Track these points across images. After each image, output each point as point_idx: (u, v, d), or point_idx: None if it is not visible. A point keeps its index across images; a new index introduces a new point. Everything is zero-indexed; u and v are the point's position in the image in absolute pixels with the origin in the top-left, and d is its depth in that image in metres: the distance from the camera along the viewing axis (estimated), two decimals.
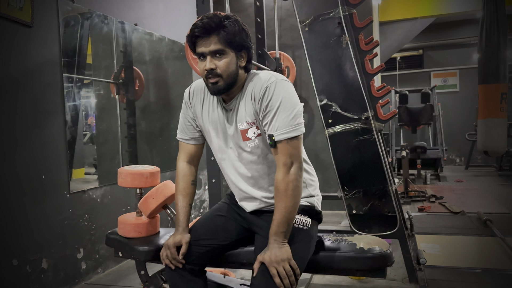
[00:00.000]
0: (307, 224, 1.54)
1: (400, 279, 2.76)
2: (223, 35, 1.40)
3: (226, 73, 1.43)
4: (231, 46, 1.43)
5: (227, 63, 1.43)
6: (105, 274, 3.11)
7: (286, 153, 1.43)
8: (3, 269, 2.36)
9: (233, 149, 1.57)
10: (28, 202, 2.54)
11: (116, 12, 3.42)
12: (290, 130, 1.43)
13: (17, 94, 2.50)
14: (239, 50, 1.46)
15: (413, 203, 5.21)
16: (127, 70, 3.69)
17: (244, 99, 1.50)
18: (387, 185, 2.68)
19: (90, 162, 3.43)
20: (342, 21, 2.68)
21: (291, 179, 1.42)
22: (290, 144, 1.43)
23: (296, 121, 1.44)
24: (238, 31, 1.43)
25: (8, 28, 2.44)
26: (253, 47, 1.55)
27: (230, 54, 1.44)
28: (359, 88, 2.66)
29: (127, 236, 1.88)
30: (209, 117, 1.59)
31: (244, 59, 1.49)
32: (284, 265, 1.36)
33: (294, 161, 1.43)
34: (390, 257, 1.59)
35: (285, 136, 1.42)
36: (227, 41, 1.41)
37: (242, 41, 1.45)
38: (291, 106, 1.44)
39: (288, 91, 1.45)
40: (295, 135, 1.44)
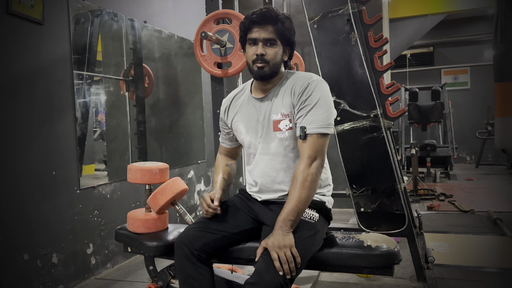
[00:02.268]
0: (314, 218, 1.58)
1: (408, 277, 2.76)
2: (278, 26, 1.54)
3: (273, 61, 1.56)
4: (282, 38, 1.57)
5: (275, 52, 1.56)
6: (115, 269, 3.14)
7: (314, 147, 1.50)
8: (15, 263, 2.39)
9: (261, 141, 1.64)
10: (39, 198, 2.57)
11: (125, 9, 3.45)
12: (322, 127, 1.51)
13: (29, 91, 2.54)
14: (286, 45, 1.60)
15: (422, 202, 5.19)
16: (137, 67, 3.72)
17: (282, 92, 1.60)
18: (395, 183, 2.67)
19: (100, 158, 3.46)
20: (351, 18, 2.66)
21: (312, 172, 1.49)
22: (319, 139, 1.50)
23: (330, 121, 1.54)
24: (289, 27, 1.57)
25: (19, 25, 2.47)
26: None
27: (279, 45, 1.57)
28: (368, 85, 2.65)
29: (136, 232, 1.90)
30: (241, 116, 1.71)
31: (287, 54, 1.62)
32: (285, 251, 1.39)
33: (318, 156, 1.50)
34: (398, 255, 1.58)
35: (317, 131, 1.50)
36: (280, 33, 1.55)
37: (291, 37, 1.59)
38: (328, 105, 1.54)
39: (327, 90, 1.58)
40: (326, 132, 1.52)
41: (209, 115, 4.72)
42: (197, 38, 2.92)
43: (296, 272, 1.41)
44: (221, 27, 2.87)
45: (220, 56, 2.89)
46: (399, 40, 7.28)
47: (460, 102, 9.37)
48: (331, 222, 1.75)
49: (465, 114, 9.35)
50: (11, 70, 2.42)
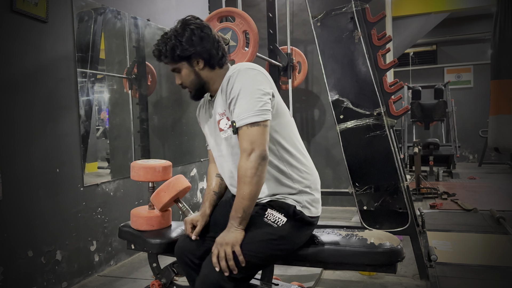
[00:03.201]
0: (278, 222, 1.49)
1: (411, 275, 2.76)
2: (167, 58, 1.54)
3: (187, 83, 1.59)
4: (179, 60, 1.53)
5: (184, 76, 1.57)
6: (118, 267, 3.16)
7: (247, 139, 1.41)
8: (19, 260, 2.41)
9: (216, 143, 1.63)
10: (43, 195, 2.58)
11: (129, 7, 3.45)
12: (250, 116, 1.41)
13: (33, 89, 2.54)
14: (188, 59, 1.53)
15: (425, 200, 5.18)
16: (140, 65, 3.72)
17: (219, 91, 1.56)
18: (398, 181, 2.67)
19: (103, 156, 3.47)
20: (354, 16, 2.66)
21: (249, 166, 1.39)
22: (250, 130, 1.41)
23: (257, 107, 1.42)
24: (174, 45, 1.50)
25: (24, 23, 2.47)
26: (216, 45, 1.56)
27: (183, 66, 1.55)
28: (371, 83, 2.65)
29: (139, 229, 1.91)
30: (205, 119, 1.70)
31: (200, 62, 1.54)
32: (226, 248, 1.39)
33: (255, 148, 1.40)
34: (401, 253, 1.58)
35: (245, 121, 1.41)
36: (173, 59, 1.53)
37: (184, 50, 1.51)
38: (252, 92, 1.43)
39: (250, 77, 1.45)
40: (256, 120, 1.41)
41: None
42: None
43: (240, 271, 1.40)
44: (224, 25, 2.87)
45: None
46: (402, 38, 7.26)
47: (463, 101, 9.35)
48: (333, 220, 1.74)
49: (468, 112, 9.33)
50: (16, 68, 2.43)
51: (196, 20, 1.55)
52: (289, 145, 1.55)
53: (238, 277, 1.42)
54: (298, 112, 5.01)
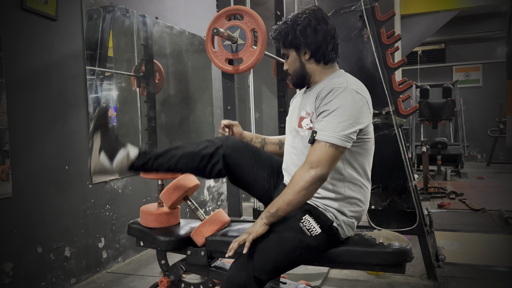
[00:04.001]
0: (312, 231, 1.49)
1: (419, 275, 2.75)
2: (279, 42, 1.61)
3: (292, 70, 1.63)
4: (289, 46, 1.59)
5: (290, 63, 1.62)
6: (126, 263, 3.17)
7: (319, 155, 1.41)
8: (29, 256, 2.43)
9: (293, 135, 1.65)
10: (52, 192, 2.60)
11: (137, 5, 3.46)
12: (333, 136, 1.41)
13: (42, 87, 2.56)
14: (297, 48, 1.58)
15: (433, 200, 5.16)
16: (148, 63, 3.73)
17: (315, 91, 1.56)
18: (407, 180, 2.66)
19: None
20: (363, 15, 2.65)
21: (306, 179, 1.40)
22: (327, 149, 1.41)
23: (345, 132, 1.41)
24: (288, 31, 1.56)
25: (33, 21, 2.49)
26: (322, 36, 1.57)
27: (291, 53, 1.60)
28: (380, 82, 2.64)
29: (148, 226, 1.92)
30: (293, 107, 1.73)
31: (307, 53, 1.58)
32: (247, 236, 1.44)
33: (321, 166, 1.40)
34: (410, 253, 1.58)
35: (326, 139, 1.41)
36: (284, 44, 1.60)
37: (296, 39, 1.56)
38: (348, 115, 1.43)
39: (354, 102, 1.45)
40: (336, 143, 1.41)
41: (219, 111, 4.73)
42: (209, 35, 2.93)
43: (265, 273, 1.46)
44: (233, 23, 2.87)
45: (231, 52, 2.89)
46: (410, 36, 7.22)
47: (471, 100, 9.28)
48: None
49: (477, 111, 9.26)
50: (26, 66, 2.45)
51: (318, 12, 1.58)
52: (360, 170, 1.57)
53: (264, 279, 1.46)
54: None
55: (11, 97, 2.35)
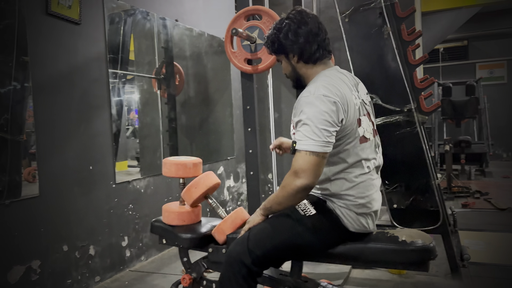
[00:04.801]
0: (306, 211, 1.56)
1: (443, 275, 2.70)
2: (270, 49, 1.68)
3: (288, 74, 1.70)
4: (278, 53, 1.66)
5: (284, 67, 1.69)
6: (148, 262, 3.22)
7: (301, 163, 1.44)
8: (55, 254, 2.49)
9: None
10: (77, 192, 2.67)
11: (157, 8, 3.51)
12: (312, 144, 1.44)
13: (67, 89, 2.63)
14: (285, 53, 1.63)
15: (457, 199, 5.05)
16: (168, 66, 3.79)
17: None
18: (430, 179, 2.62)
19: (133, 155, 3.54)
20: (383, 11, 2.63)
21: (290, 184, 1.46)
22: (308, 157, 1.44)
23: (322, 138, 1.44)
24: (274, 39, 1.63)
25: (58, 25, 2.56)
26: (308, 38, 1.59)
27: (283, 59, 1.67)
28: (401, 79, 2.61)
29: (171, 224, 1.95)
30: None
31: (295, 56, 1.62)
32: (246, 226, 1.65)
33: (302, 175, 1.43)
34: (433, 251, 1.56)
35: (305, 148, 1.44)
36: (274, 52, 1.67)
37: (281, 46, 1.62)
38: (320, 121, 1.44)
39: (321, 106, 1.45)
40: (316, 150, 1.43)
41: (238, 112, 4.75)
42: (228, 35, 2.95)
43: (260, 247, 1.53)
44: (251, 23, 2.88)
45: (250, 52, 2.90)
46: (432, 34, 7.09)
47: (496, 97, 9.05)
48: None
49: (502, 109, 9.02)
50: (51, 69, 2.52)
51: (298, 15, 1.60)
52: (346, 167, 1.56)
53: (258, 254, 1.52)
54: None
55: (37, 100, 2.41)
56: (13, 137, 2.29)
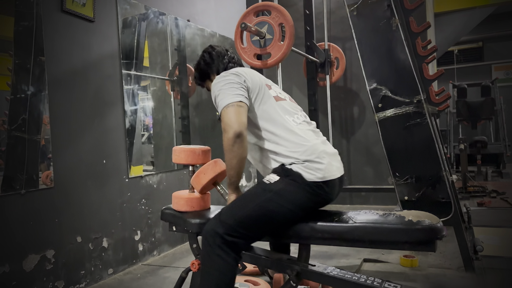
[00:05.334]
0: (271, 179, 1.67)
1: (456, 268, 2.66)
2: (198, 83, 2.05)
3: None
4: (204, 80, 2.01)
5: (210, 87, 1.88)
6: (161, 257, 3.25)
7: (223, 121, 1.65)
8: (69, 244, 2.55)
9: None
10: (91, 185, 2.72)
11: (170, 8, 3.59)
12: (224, 102, 1.66)
13: (81, 85, 2.70)
14: (208, 77, 1.98)
15: (472, 199, 4.98)
16: (181, 67, 3.86)
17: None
18: (440, 170, 2.60)
19: (148, 161, 3.59)
20: (391, 4, 2.64)
21: (226, 144, 1.64)
22: (225, 111, 1.65)
23: (231, 94, 1.67)
24: (196, 73, 2.02)
25: (73, 22, 2.64)
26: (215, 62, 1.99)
27: (209, 83, 1.98)
28: (410, 70, 2.61)
29: (180, 210, 1.98)
30: None
31: (213, 75, 1.95)
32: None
33: (229, 128, 1.62)
34: (441, 230, 1.54)
35: (221, 107, 1.67)
36: (202, 82, 2.03)
37: (202, 72, 1.99)
38: (225, 87, 1.71)
39: (224, 78, 1.76)
40: (229, 102, 1.65)
41: None
42: (237, 31, 3.00)
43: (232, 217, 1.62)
44: (261, 19, 2.93)
45: (260, 47, 2.95)
46: (445, 35, 7.04)
47: None
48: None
49: None
50: (66, 65, 2.59)
51: (209, 48, 2.02)
52: (274, 127, 1.72)
53: (230, 223, 1.60)
54: (336, 110, 4.97)
55: (52, 95, 2.49)
56: (30, 136, 2.37)
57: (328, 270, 1.82)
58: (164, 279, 2.74)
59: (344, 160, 5.05)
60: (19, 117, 2.33)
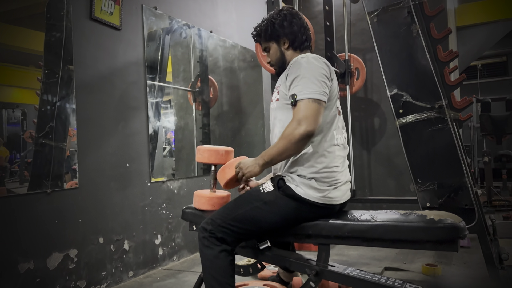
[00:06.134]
0: (265, 189, 1.71)
1: (480, 277, 2.59)
2: (260, 37, 1.89)
3: (274, 60, 1.88)
4: (270, 39, 1.85)
5: (272, 54, 1.87)
6: (180, 262, 3.27)
7: (304, 111, 1.57)
8: (91, 245, 2.59)
9: (271, 110, 1.87)
10: (114, 187, 2.78)
11: (193, 19, 3.69)
12: (312, 93, 1.58)
13: (107, 90, 2.79)
14: (277, 39, 1.84)
15: (498, 213, 4.85)
16: (203, 79, 3.94)
17: (285, 73, 1.79)
18: (463, 176, 2.57)
19: (169, 173, 3.65)
20: (412, 10, 2.66)
21: (292, 132, 1.56)
22: (310, 104, 1.57)
23: (321, 88, 1.60)
24: (267, 26, 1.84)
25: (100, 30, 2.74)
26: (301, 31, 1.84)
27: (272, 45, 1.86)
28: (431, 76, 2.61)
29: (201, 209, 2.00)
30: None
31: (286, 42, 1.83)
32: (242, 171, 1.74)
33: (304, 122, 1.55)
34: (463, 229, 1.53)
35: (307, 96, 1.58)
36: (265, 38, 1.87)
37: (275, 31, 1.82)
38: (317, 75, 1.62)
39: (316, 63, 1.66)
40: (317, 98, 1.58)
41: None
42: None
43: (221, 218, 1.69)
44: None
45: None
46: (467, 49, 6.97)
47: None
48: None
49: None
50: (93, 70, 2.69)
51: (291, 9, 1.87)
52: (319, 136, 1.68)
53: (218, 222, 1.68)
54: (357, 120, 4.96)
55: (79, 98, 2.57)
56: (56, 143, 2.46)
57: (348, 270, 1.81)
58: (183, 283, 2.75)
59: (365, 171, 5.01)
60: (47, 125, 2.43)
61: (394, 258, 3.12)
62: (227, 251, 1.69)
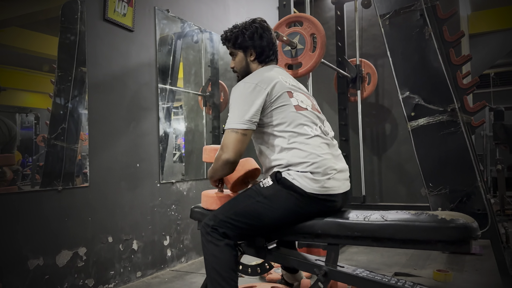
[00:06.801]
0: (265, 184, 1.73)
1: (492, 285, 2.54)
2: (229, 42, 1.91)
3: (238, 68, 1.93)
4: (238, 47, 1.89)
5: (237, 62, 1.92)
6: (188, 264, 3.26)
7: (224, 140, 1.70)
8: (100, 244, 2.60)
9: None
10: (124, 187, 2.79)
11: (205, 23, 3.72)
12: (234, 123, 1.69)
13: (119, 90, 2.81)
14: (245, 49, 1.88)
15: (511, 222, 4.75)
16: (214, 83, 3.96)
17: None
18: (476, 180, 2.53)
19: (179, 179, 3.66)
20: (424, 13, 2.65)
21: (219, 163, 1.72)
22: (229, 134, 1.69)
23: (243, 118, 1.67)
24: (238, 35, 1.87)
25: (114, 31, 2.77)
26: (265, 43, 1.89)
27: (239, 54, 1.90)
28: (444, 79, 2.59)
29: (209, 209, 2.00)
30: None
31: (253, 55, 1.88)
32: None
33: (227, 152, 1.68)
34: (475, 230, 1.50)
35: (228, 126, 1.71)
36: (233, 45, 1.90)
37: (244, 42, 1.86)
38: (241, 104, 1.70)
39: (242, 91, 1.73)
40: (236, 127, 1.68)
41: None
42: None
43: (224, 213, 1.73)
44: (292, 29, 2.99)
45: (291, 57, 2.99)
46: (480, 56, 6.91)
47: None
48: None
49: None
50: (106, 70, 2.71)
51: (263, 23, 1.90)
52: (288, 135, 1.73)
53: (220, 218, 1.71)
54: (368, 126, 4.93)
55: (92, 97, 2.60)
56: (68, 145, 2.48)
57: (358, 271, 1.79)
58: (191, 284, 2.74)
59: (375, 177, 4.97)
60: (59, 126, 2.45)
61: (404, 264, 3.07)
62: (230, 246, 1.70)
